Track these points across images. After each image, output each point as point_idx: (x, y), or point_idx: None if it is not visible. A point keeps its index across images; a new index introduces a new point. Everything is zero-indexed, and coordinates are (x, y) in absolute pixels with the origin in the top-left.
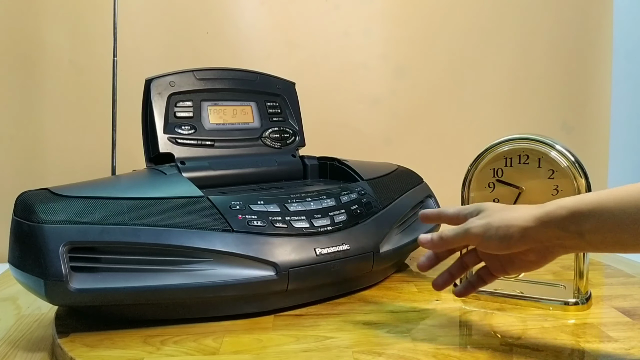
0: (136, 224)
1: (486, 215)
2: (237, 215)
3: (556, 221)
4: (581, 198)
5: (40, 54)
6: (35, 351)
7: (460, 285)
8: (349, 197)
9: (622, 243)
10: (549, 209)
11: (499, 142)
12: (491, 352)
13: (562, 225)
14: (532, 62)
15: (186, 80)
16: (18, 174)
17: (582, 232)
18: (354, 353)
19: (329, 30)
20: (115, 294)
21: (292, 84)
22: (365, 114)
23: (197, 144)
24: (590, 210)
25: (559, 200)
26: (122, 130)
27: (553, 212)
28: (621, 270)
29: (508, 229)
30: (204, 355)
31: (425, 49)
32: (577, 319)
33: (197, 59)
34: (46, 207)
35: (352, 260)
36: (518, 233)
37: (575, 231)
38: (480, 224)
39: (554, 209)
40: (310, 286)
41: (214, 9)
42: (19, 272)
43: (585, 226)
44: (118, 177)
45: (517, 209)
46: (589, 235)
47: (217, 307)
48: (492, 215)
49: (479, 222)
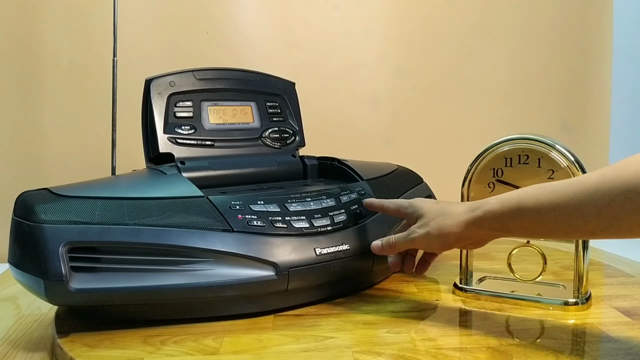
0: (136, 224)
1: (425, 224)
2: (237, 215)
3: (486, 225)
4: (505, 201)
5: (40, 54)
6: (35, 351)
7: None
8: (348, 197)
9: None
10: (478, 215)
11: (499, 142)
12: (491, 352)
13: (491, 226)
14: (532, 62)
15: (186, 80)
16: (18, 174)
17: (508, 229)
18: (354, 353)
19: (329, 31)
20: (115, 294)
21: (292, 84)
22: (365, 114)
23: (197, 144)
24: (513, 212)
25: (486, 203)
26: (122, 130)
27: (482, 217)
28: (621, 270)
29: (446, 236)
30: (204, 355)
31: (425, 49)
32: (577, 319)
33: (197, 59)
34: (46, 207)
35: (352, 260)
36: (454, 238)
37: (502, 229)
38: (421, 234)
39: (483, 215)
40: (310, 286)
41: (214, 9)
42: (19, 272)
43: (509, 226)
44: (118, 177)
45: (450, 215)
46: (513, 231)
47: (217, 307)
48: (429, 223)
49: (419, 231)
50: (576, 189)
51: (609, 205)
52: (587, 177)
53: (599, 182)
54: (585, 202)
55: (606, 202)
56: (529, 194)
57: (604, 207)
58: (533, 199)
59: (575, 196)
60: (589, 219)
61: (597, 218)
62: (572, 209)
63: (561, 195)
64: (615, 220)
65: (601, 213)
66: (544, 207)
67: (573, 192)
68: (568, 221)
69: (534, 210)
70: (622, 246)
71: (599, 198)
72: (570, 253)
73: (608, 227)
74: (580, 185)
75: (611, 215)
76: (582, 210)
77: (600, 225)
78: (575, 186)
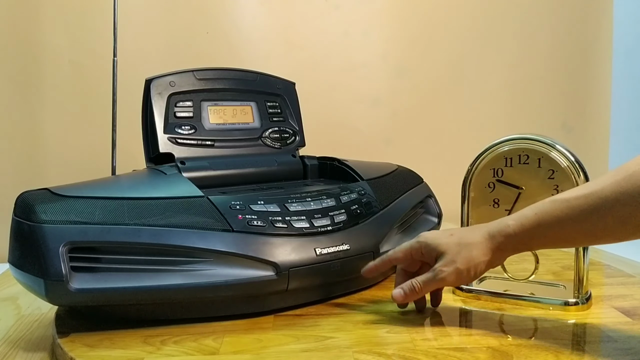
0: (136, 224)
1: (451, 261)
2: (237, 215)
3: (509, 248)
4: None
5: (40, 54)
6: (35, 351)
7: None
8: (349, 197)
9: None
10: (501, 241)
11: (499, 142)
12: (491, 352)
13: (514, 249)
14: (532, 62)
15: (186, 80)
16: (18, 174)
17: (530, 247)
18: (354, 353)
19: (329, 31)
20: (115, 294)
21: (292, 84)
22: (365, 114)
23: (197, 144)
24: (533, 233)
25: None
26: (122, 130)
27: (504, 242)
28: (621, 270)
29: (476, 267)
30: (204, 355)
31: (425, 48)
32: (577, 319)
33: (197, 59)
34: (46, 207)
35: (352, 260)
36: (485, 266)
37: (524, 249)
38: (450, 272)
39: (505, 240)
40: (311, 286)
41: (214, 9)
42: (19, 272)
43: (531, 245)
44: (118, 177)
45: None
46: (535, 247)
47: (217, 307)
48: (455, 259)
49: (447, 269)
50: (594, 202)
51: (632, 215)
52: (601, 187)
53: (618, 194)
54: (606, 214)
55: (628, 213)
56: (546, 212)
57: (627, 217)
58: (551, 217)
59: (595, 210)
60: (614, 228)
61: (623, 225)
62: (593, 223)
63: (580, 210)
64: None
65: (626, 221)
66: (563, 223)
67: (592, 205)
68: (591, 233)
69: (554, 227)
70: (622, 246)
71: (620, 209)
72: (570, 253)
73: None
74: (597, 198)
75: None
76: (605, 222)
77: (625, 233)
78: (592, 199)
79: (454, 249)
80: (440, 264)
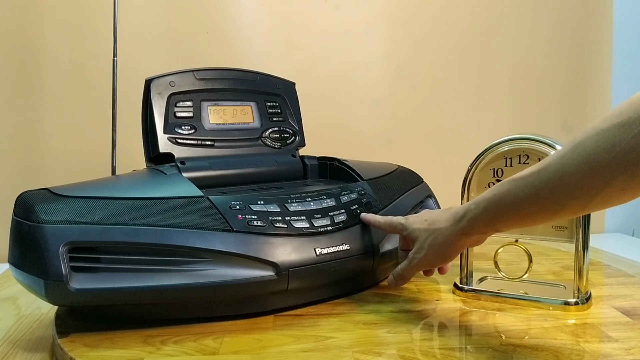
0: (136, 224)
1: (420, 248)
2: (237, 215)
3: (474, 231)
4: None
5: (40, 54)
6: (35, 351)
7: None
8: (349, 197)
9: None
10: (464, 225)
11: (499, 142)
12: (491, 352)
13: (479, 231)
14: (532, 62)
15: (186, 80)
16: (18, 174)
17: (497, 228)
18: (354, 353)
19: (329, 31)
20: (115, 294)
21: (292, 84)
22: (365, 114)
23: (197, 144)
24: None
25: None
26: (122, 130)
27: (468, 226)
28: (621, 270)
29: (443, 254)
30: (204, 355)
31: (426, 49)
32: (577, 319)
33: (197, 59)
34: (46, 207)
35: (352, 260)
36: (451, 251)
37: (491, 230)
38: (420, 258)
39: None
40: (310, 286)
41: (214, 9)
42: (19, 272)
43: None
44: (118, 177)
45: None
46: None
47: (217, 307)
48: (424, 246)
49: (418, 256)
50: (545, 176)
51: (579, 186)
52: (551, 160)
53: (564, 165)
54: (555, 187)
55: (574, 183)
56: (504, 192)
57: (575, 189)
58: (509, 196)
59: (547, 184)
60: (565, 202)
61: (572, 200)
62: (545, 197)
63: (533, 186)
64: (589, 197)
65: (574, 195)
66: (520, 200)
67: (543, 180)
68: (546, 209)
69: (513, 206)
70: (622, 246)
71: (567, 181)
72: (570, 253)
73: (585, 205)
74: (547, 172)
75: (584, 194)
76: (556, 197)
77: (577, 206)
78: (543, 174)
79: (424, 235)
80: (413, 251)
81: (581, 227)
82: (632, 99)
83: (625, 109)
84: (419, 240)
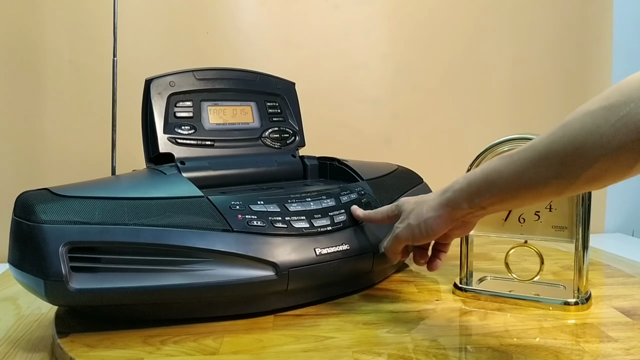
0: (136, 224)
1: (405, 218)
2: (237, 215)
3: (458, 204)
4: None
5: (40, 54)
6: (35, 351)
7: None
8: (348, 197)
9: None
10: (449, 196)
11: (499, 142)
12: (491, 352)
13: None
14: (532, 62)
15: (186, 80)
16: (18, 174)
17: (482, 206)
18: (354, 353)
19: (329, 31)
20: (115, 294)
21: (292, 84)
22: (365, 114)
23: (197, 144)
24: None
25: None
26: (122, 130)
27: (452, 198)
28: (621, 270)
29: (425, 222)
30: (204, 355)
31: (426, 48)
32: (577, 319)
33: (197, 59)
34: (46, 207)
35: (352, 260)
36: (436, 224)
37: (476, 206)
38: (403, 228)
39: (453, 195)
40: (310, 286)
41: (214, 9)
42: (19, 272)
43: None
44: (118, 177)
45: (425, 202)
46: (487, 207)
47: (217, 307)
48: (409, 216)
49: (402, 226)
50: (531, 154)
51: (563, 164)
52: (540, 139)
53: (550, 143)
54: (542, 165)
55: (559, 161)
56: (491, 168)
57: (560, 167)
58: (496, 172)
59: (532, 161)
60: (549, 181)
61: (556, 179)
62: (531, 175)
63: (520, 163)
64: (573, 177)
65: (559, 174)
66: (507, 177)
67: (529, 156)
68: (531, 186)
69: (498, 182)
70: (622, 246)
71: (552, 159)
72: (570, 253)
73: (568, 186)
74: (535, 150)
75: (568, 173)
76: (541, 175)
77: (561, 185)
78: (530, 151)
79: (409, 206)
80: (397, 222)
81: (581, 227)
82: (620, 83)
83: (613, 93)
84: (405, 211)
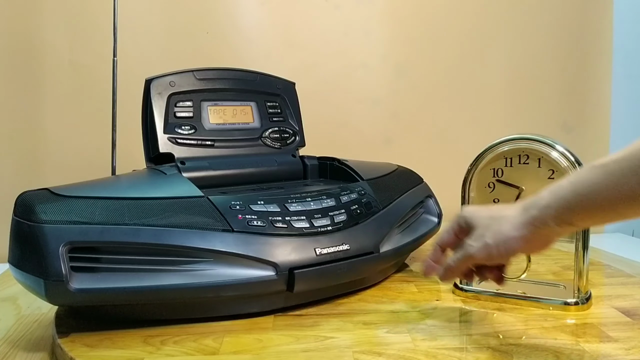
0: (136, 224)
1: (480, 235)
2: (237, 215)
3: (545, 222)
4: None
5: (40, 54)
6: (35, 351)
7: None
8: (349, 197)
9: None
10: (534, 214)
11: (499, 142)
12: (491, 352)
13: (550, 223)
14: (532, 62)
15: (186, 80)
16: (18, 174)
17: (571, 222)
18: (354, 353)
19: (329, 31)
20: (115, 294)
21: (292, 84)
22: (365, 114)
23: (197, 144)
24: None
25: (539, 200)
26: (122, 130)
27: (539, 216)
28: (621, 270)
29: (506, 243)
30: (204, 355)
31: (426, 48)
32: (577, 319)
33: (197, 59)
34: (46, 207)
35: (352, 260)
36: (518, 245)
37: (564, 223)
38: (479, 247)
39: (539, 213)
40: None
41: (214, 9)
42: (19, 272)
43: (571, 218)
44: (118, 177)
45: (505, 219)
46: (577, 222)
47: (217, 307)
48: (485, 234)
49: (476, 244)
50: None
51: None
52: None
53: None
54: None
55: None
56: (582, 179)
57: None
58: (588, 183)
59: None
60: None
61: None
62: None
63: (619, 174)
64: None
65: None
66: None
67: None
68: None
69: (591, 195)
70: (622, 246)
71: None
72: (570, 253)
73: None
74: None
75: None
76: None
77: None
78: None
79: (484, 222)
80: (470, 239)
81: None
82: None
83: None
84: (479, 227)
